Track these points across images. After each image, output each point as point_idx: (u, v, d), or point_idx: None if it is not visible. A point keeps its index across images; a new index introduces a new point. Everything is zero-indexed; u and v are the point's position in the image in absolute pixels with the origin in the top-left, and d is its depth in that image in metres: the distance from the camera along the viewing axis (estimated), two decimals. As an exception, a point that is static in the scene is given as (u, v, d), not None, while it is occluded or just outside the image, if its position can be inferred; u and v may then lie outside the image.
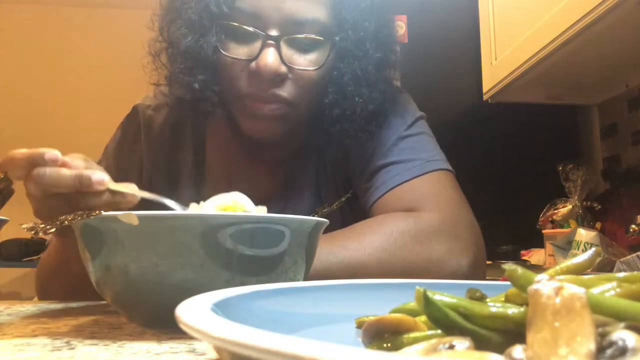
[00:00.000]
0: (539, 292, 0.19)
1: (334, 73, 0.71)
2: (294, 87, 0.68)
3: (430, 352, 0.20)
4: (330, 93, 0.71)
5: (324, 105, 0.71)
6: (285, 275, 0.41)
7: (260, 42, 0.66)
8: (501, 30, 1.64)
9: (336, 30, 0.70)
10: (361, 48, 0.71)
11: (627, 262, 1.03)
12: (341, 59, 0.71)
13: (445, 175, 0.72)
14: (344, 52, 0.71)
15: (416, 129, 0.76)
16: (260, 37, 0.66)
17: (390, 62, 0.76)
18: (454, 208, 0.68)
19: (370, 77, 0.71)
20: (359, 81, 0.71)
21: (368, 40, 0.71)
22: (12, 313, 0.50)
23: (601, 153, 1.82)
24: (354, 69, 0.71)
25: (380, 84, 0.73)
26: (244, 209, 0.49)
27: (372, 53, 0.72)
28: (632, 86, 1.61)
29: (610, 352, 0.17)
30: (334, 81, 0.71)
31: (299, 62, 0.68)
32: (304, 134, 0.77)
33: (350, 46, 0.70)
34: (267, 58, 0.65)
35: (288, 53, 0.67)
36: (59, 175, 0.48)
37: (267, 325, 0.19)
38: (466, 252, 0.64)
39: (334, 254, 0.60)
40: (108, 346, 0.34)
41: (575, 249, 1.29)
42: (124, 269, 0.38)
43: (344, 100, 0.71)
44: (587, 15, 1.17)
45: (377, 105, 0.72)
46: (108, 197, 0.49)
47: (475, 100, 1.80)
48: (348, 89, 0.71)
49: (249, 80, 0.67)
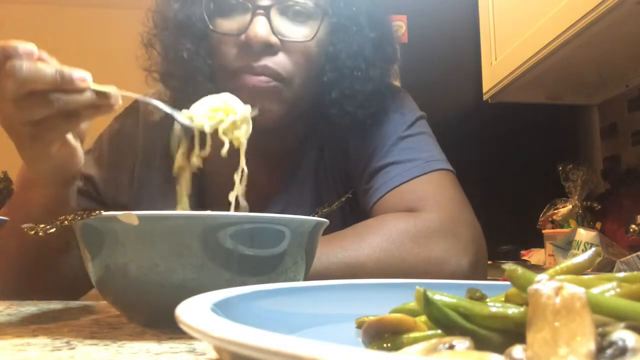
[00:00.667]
0: (539, 292, 0.19)
1: (330, 49, 0.69)
2: (286, 60, 0.66)
3: (430, 352, 0.20)
4: (328, 71, 0.69)
5: (322, 84, 0.70)
6: (285, 275, 0.41)
7: (250, 13, 0.64)
8: (501, 30, 1.64)
9: (329, 3, 0.69)
10: (355, 23, 0.70)
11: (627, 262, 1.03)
12: (336, 34, 0.70)
13: (445, 175, 0.71)
14: (338, 26, 0.70)
15: (416, 128, 0.75)
16: (250, 7, 0.64)
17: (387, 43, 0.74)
18: (454, 208, 0.68)
19: (367, 53, 0.70)
20: (355, 57, 0.69)
21: (362, 15, 0.70)
22: (12, 313, 0.50)
23: (601, 153, 1.82)
24: (350, 45, 0.69)
25: (378, 62, 0.71)
26: (234, 111, 0.50)
27: (367, 31, 0.71)
28: (632, 86, 1.61)
29: (610, 352, 0.17)
30: (330, 58, 0.69)
31: (291, 33, 0.66)
32: (303, 124, 0.75)
33: (344, 20, 0.69)
34: (257, 28, 0.63)
35: (280, 23, 0.66)
36: (37, 69, 0.44)
37: (267, 325, 0.19)
38: (466, 252, 0.64)
39: (334, 254, 0.59)
40: (108, 346, 0.34)
41: (575, 249, 1.29)
42: (124, 269, 0.38)
43: (342, 78, 0.69)
44: (587, 15, 1.17)
45: (376, 84, 0.71)
46: (91, 96, 0.46)
47: (475, 100, 1.80)
48: (345, 66, 0.69)
49: (240, 54, 0.65)
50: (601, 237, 1.27)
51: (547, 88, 1.68)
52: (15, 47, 0.44)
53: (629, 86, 1.62)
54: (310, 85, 0.70)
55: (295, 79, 0.67)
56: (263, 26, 0.63)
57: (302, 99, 0.71)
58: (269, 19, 0.64)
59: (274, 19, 0.65)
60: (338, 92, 0.69)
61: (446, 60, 1.88)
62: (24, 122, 0.47)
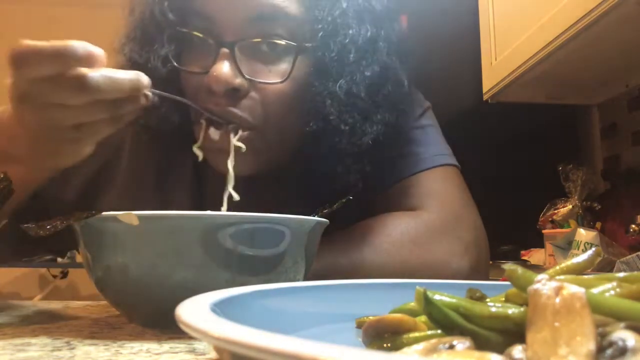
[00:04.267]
0: (539, 292, 0.19)
1: (311, 92, 0.57)
2: (257, 106, 0.57)
3: (430, 352, 0.20)
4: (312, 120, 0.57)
5: (306, 136, 0.58)
6: (285, 275, 0.41)
7: (214, 51, 0.56)
8: (501, 30, 1.64)
9: (308, 35, 0.57)
10: (343, 60, 0.57)
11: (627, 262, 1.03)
12: (317, 73, 0.58)
13: (451, 171, 0.70)
14: (320, 64, 0.57)
15: (424, 120, 0.72)
16: (213, 44, 0.56)
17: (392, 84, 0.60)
18: (457, 208, 0.66)
19: (358, 101, 0.57)
20: (342, 106, 0.57)
21: (354, 51, 0.58)
22: (12, 313, 0.50)
23: (601, 153, 1.82)
24: (334, 88, 0.56)
25: (379, 111, 0.59)
26: None
27: (362, 70, 0.58)
28: (632, 86, 1.61)
29: (610, 352, 0.17)
30: (312, 104, 0.57)
31: (262, 74, 0.57)
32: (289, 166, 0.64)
33: (328, 57, 0.57)
34: (219, 69, 0.54)
35: (248, 63, 0.56)
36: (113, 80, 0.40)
37: (267, 325, 0.19)
38: (467, 254, 0.63)
39: (334, 255, 0.59)
40: (108, 346, 0.34)
41: (575, 249, 1.29)
42: (124, 269, 0.38)
43: (330, 131, 0.57)
44: (587, 15, 1.17)
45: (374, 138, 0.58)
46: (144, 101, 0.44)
47: (475, 100, 1.80)
48: (330, 116, 0.56)
49: (205, 99, 0.57)
50: (601, 237, 1.27)
51: (547, 88, 1.68)
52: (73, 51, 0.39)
53: (629, 86, 1.62)
54: (291, 130, 0.60)
55: (268, 128, 0.58)
56: (226, 67, 0.55)
57: (282, 149, 0.61)
58: (234, 57, 0.55)
59: (241, 58, 0.56)
60: (326, 147, 0.58)
61: (446, 60, 1.88)
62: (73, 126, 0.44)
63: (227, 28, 0.56)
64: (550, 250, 1.43)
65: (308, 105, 0.58)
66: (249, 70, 0.56)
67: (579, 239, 1.29)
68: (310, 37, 0.58)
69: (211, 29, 0.57)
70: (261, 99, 0.57)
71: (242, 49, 0.56)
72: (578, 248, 1.28)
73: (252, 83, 0.57)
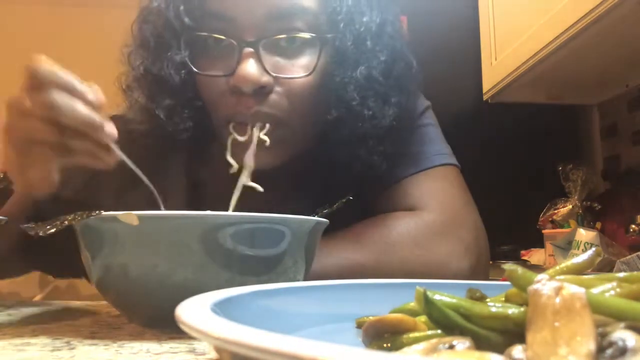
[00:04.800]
0: (539, 292, 0.19)
1: (334, 81, 0.59)
2: (282, 99, 0.58)
3: (430, 352, 0.20)
4: (333, 108, 0.59)
5: (328, 123, 0.60)
6: (285, 275, 0.41)
7: (237, 51, 0.56)
8: (501, 30, 1.64)
9: (327, 26, 0.59)
10: (361, 47, 0.59)
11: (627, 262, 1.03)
12: (338, 62, 0.59)
13: (451, 171, 0.70)
14: (340, 53, 0.59)
15: (424, 119, 0.72)
16: (236, 45, 0.56)
17: (401, 68, 0.63)
18: (457, 208, 0.66)
19: (377, 85, 0.60)
20: (365, 94, 0.59)
21: (369, 37, 0.60)
22: (12, 313, 0.50)
23: (601, 153, 1.82)
24: (355, 75, 0.59)
25: (393, 93, 0.61)
26: None
27: (376, 55, 0.60)
28: (632, 86, 1.61)
29: (610, 352, 0.17)
30: (334, 92, 0.59)
31: (286, 69, 0.58)
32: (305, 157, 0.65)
33: (347, 45, 0.59)
34: (245, 69, 0.55)
35: (271, 60, 0.57)
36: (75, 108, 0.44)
37: (267, 325, 0.19)
38: (467, 255, 0.63)
39: (333, 255, 0.59)
40: (108, 346, 0.34)
41: (575, 249, 1.29)
42: (124, 269, 0.38)
43: (351, 118, 0.59)
44: (587, 15, 1.17)
45: (392, 121, 0.60)
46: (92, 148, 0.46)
47: (475, 100, 1.80)
48: (353, 105, 0.58)
49: (231, 100, 0.57)
50: (601, 237, 1.27)
51: (547, 88, 1.68)
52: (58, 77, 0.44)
53: (629, 86, 1.62)
54: (314, 124, 0.61)
55: (294, 119, 0.59)
56: (252, 66, 0.55)
57: (305, 139, 0.63)
58: (258, 55, 0.55)
59: (265, 54, 0.56)
60: (347, 134, 0.60)
61: (446, 60, 1.88)
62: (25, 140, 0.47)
63: (248, 27, 0.56)
64: (550, 250, 1.43)
65: (331, 94, 0.59)
66: (273, 67, 0.57)
67: (579, 239, 1.28)
68: (329, 28, 0.59)
69: (230, 30, 0.57)
70: (286, 93, 0.58)
71: (265, 47, 0.57)
72: (578, 248, 1.28)
73: (277, 79, 0.57)
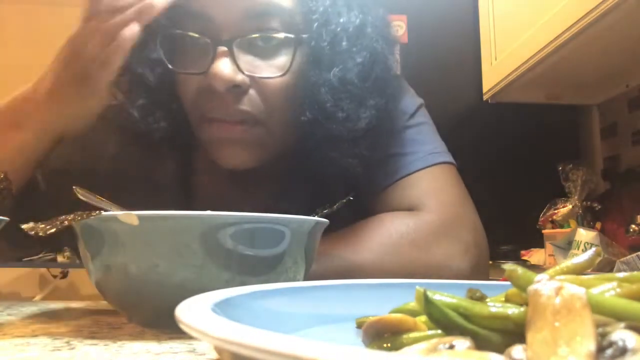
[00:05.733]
0: (539, 292, 0.19)
1: (308, 81, 0.59)
2: (258, 99, 0.58)
3: (430, 352, 0.20)
4: (307, 109, 0.59)
5: (303, 125, 0.59)
6: (285, 275, 0.41)
7: (211, 50, 0.56)
8: (501, 30, 1.64)
9: (303, 26, 0.59)
10: (336, 49, 0.59)
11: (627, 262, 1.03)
12: (313, 62, 0.59)
13: (448, 169, 0.69)
14: (315, 53, 0.59)
15: (418, 118, 0.71)
16: (210, 43, 0.56)
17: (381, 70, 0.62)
18: (456, 207, 0.66)
19: (352, 87, 0.59)
20: (337, 93, 0.58)
21: (345, 39, 0.59)
22: (12, 313, 0.50)
23: (601, 153, 1.82)
24: (329, 76, 0.58)
25: (370, 96, 0.60)
26: None
27: (352, 57, 0.59)
28: (632, 86, 1.61)
29: (610, 352, 0.17)
30: (308, 93, 0.59)
31: (260, 69, 0.57)
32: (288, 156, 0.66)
33: (322, 46, 0.58)
34: (219, 67, 0.55)
35: (246, 59, 0.57)
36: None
37: (267, 325, 0.19)
38: (467, 254, 0.63)
39: (332, 256, 0.58)
40: (108, 346, 0.34)
41: (575, 249, 1.29)
42: (124, 269, 0.38)
43: (325, 119, 0.58)
44: (587, 15, 1.17)
45: (368, 123, 0.60)
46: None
47: (475, 100, 1.80)
48: (327, 107, 0.58)
49: (206, 99, 0.58)
50: (601, 237, 1.27)
51: (547, 88, 1.68)
52: None
53: (629, 86, 1.62)
54: (291, 124, 0.61)
55: (270, 119, 0.59)
56: (226, 65, 0.55)
57: (282, 140, 0.63)
58: (232, 54, 0.55)
59: (239, 54, 0.56)
60: (321, 135, 0.59)
61: (446, 60, 1.88)
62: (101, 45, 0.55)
63: (223, 26, 0.56)
64: (550, 250, 1.43)
65: (305, 95, 0.59)
66: (248, 66, 0.57)
67: (579, 239, 1.29)
68: (305, 28, 0.58)
69: (206, 29, 0.57)
70: (262, 93, 0.58)
71: (240, 46, 0.56)
72: (578, 248, 1.28)
73: (252, 79, 0.57)
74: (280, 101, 0.59)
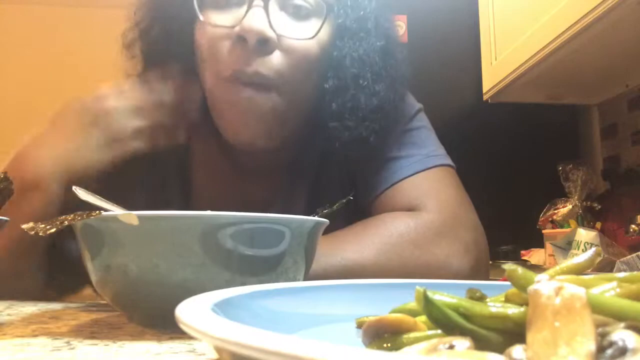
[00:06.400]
0: (539, 292, 0.19)
1: (333, 53, 0.63)
2: (282, 60, 0.59)
3: (430, 352, 0.20)
4: (330, 78, 0.62)
5: (323, 93, 0.63)
6: (285, 275, 0.41)
7: (246, 4, 0.58)
8: (501, 30, 1.64)
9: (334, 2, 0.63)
10: (362, 28, 0.64)
11: (627, 262, 1.03)
12: (340, 36, 0.63)
13: (447, 172, 0.70)
14: (344, 28, 0.63)
15: (417, 122, 0.73)
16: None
17: (394, 55, 0.67)
18: (455, 208, 0.66)
19: (373, 64, 0.64)
20: (362, 66, 0.63)
21: (370, 21, 0.64)
22: (12, 313, 0.50)
23: (601, 153, 1.82)
24: (356, 51, 0.63)
25: (384, 76, 0.65)
26: None
27: (375, 39, 0.64)
28: (632, 86, 1.61)
29: (610, 352, 0.17)
30: (333, 63, 0.63)
31: (290, 30, 0.59)
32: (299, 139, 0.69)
33: (350, 23, 0.63)
34: (253, 19, 0.57)
35: (278, 18, 0.59)
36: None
37: (267, 325, 0.19)
38: (467, 255, 0.63)
39: (332, 256, 0.59)
40: (108, 346, 0.34)
41: (575, 249, 1.29)
42: (124, 269, 0.38)
43: (345, 87, 0.62)
44: (587, 15, 1.17)
45: (381, 100, 0.64)
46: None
47: (475, 100, 1.80)
48: (349, 74, 0.62)
49: (232, 52, 0.59)
50: (601, 237, 1.27)
51: (547, 88, 1.68)
52: None
53: (629, 86, 1.62)
54: (308, 92, 0.64)
55: (291, 84, 0.61)
56: (259, 18, 0.57)
57: (298, 108, 0.65)
58: (267, 12, 0.58)
59: (273, 12, 0.58)
60: (339, 104, 0.63)
61: (446, 60, 1.88)
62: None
63: None
64: (550, 250, 1.43)
65: (330, 63, 0.63)
66: (280, 24, 0.59)
67: (579, 239, 1.28)
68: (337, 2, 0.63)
69: None
70: (287, 55, 0.60)
71: (275, 5, 0.59)
72: (578, 248, 1.28)
73: (280, 40, 0.59)
74: (303, 66, 0.61)
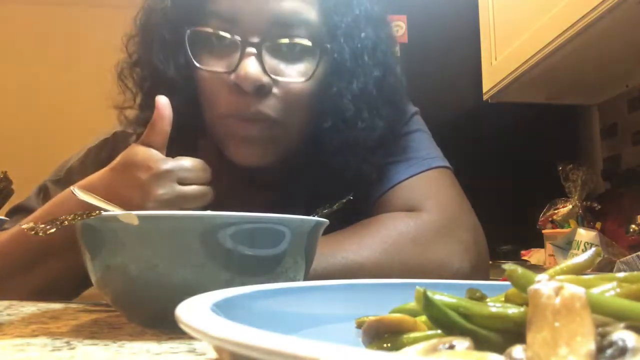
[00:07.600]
0: (539, 292, 0.19)
1: (330, 90, 0.62)
2: (280, 103, 0.60)
3: (430, 352, 0.20)
4: (329, 116, 0.62)
5: (323, 131, 0.63)
6: (285, 275, 0.41)
7: (239, 50, 0.59)
8: (501, 30, 1.64)
9: (327, 37, 0.62)
10: (358, 62, 0.63)
11: (627, 262, 1.03)
12: (335, 73, 0.62)
13: (444, 173, 0.71)
14: (338, 64, 0.62)
15: (412, 125, 0.73)
16: (239, 44, 0.59)
17: (392, 84, 0.67)
18: (455, 208, 0.67)
19: (370, 98, 0.63)
20: (358, 101, 0.62)
21: (365, 53, 0.63)
22: (12, 313, 0.50)
23: (601, 153, 1.82)
24: (351, 86, 0.62)
25: (384, 107, 0.65)
26: None
27: (371, 70, 0.63)
28: (632, 86, 1.61)
29: (610, 352, 0.17)
30: (330, 101, 0.62)
31: (285, 73, 0.60)
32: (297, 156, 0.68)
33: (345, 58, 0.62)
34: (247, 67, 0.57)
35: (272, 62, 0.60)
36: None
37: (267, 325, 0.19)
38: (467, 254, 0.63)
39: (332, 256, 0.59)
40: (108, 346, 0.34)
41: (575, 249, 1.29)
42: (124, 269, 0.38)
43: (344, 125, 0.62)
44: (587, 15, 1.17)
45: (381, 133, 0.64)
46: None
47: (475, 100, 1.80)
48: (348, 112, 0.62)
49: (230, 97, 0.60)
50: (601, 237, 1.27)
51: (547, 88, 1.68)
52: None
53: (629, 86, 1.62)
54: (305, 127, 0.64)
55: (290, 122, 0.62)
56: (254, 65, 0.58)
57: (296, 139, 0.65)
58: (260, 56, 0.58)
59: (266, 56, 0.59)
60: (340, 141, 0.63)
61: (446, 60, 1.88)
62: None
63: (252, 29, 0.59)
64: (550, 250, 1.43)
65: (327, 102, 0.62)
66: (273, 69, 0.60)
67: (579, 239, 1.28)
68: (329, 40, 0.62)
69: (234, 30, 0.59)
70: (284, 97, 0.60)
71: (267, 49, 0.59)
72: (578, 248, 1.28)
73: (275, 82, 0.60)
74: (300, 106, 0.62)
